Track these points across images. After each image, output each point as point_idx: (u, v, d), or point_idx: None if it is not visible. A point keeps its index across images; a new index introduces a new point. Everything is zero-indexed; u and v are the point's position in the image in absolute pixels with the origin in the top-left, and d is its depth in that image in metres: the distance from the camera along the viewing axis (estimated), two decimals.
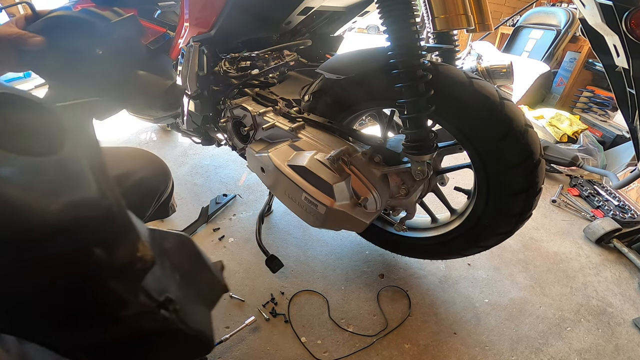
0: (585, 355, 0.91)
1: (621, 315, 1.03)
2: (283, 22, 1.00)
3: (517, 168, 0.70)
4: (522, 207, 0.75)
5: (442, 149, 0.88)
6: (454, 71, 0.71)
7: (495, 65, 1.02)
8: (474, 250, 0.91)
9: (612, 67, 0.72)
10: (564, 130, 1.97)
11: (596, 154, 1.83)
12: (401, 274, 1.12)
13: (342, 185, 0.73)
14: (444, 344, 0.92)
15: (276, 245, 1.23)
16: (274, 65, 1.11)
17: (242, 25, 1.00)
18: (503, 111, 0.68)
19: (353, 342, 0.91)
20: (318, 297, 1.03)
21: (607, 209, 1.47)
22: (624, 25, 0.63)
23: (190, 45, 1.03)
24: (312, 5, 0.94)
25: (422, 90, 0.67)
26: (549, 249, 1.27)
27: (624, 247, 1.23)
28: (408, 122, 0.71)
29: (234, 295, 1.01)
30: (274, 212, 1.39)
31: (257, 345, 0.89)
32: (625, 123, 0.77)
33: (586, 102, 2.42)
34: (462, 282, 1.11)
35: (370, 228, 1.03)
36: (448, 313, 1.00)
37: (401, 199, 0.84)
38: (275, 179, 0.83)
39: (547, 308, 1.04)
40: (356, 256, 1.19)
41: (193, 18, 1.01)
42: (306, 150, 0.80)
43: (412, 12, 0.64)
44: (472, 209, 0.84)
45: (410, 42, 0.65)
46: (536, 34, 2.71)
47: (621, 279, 1.16)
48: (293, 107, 0.97)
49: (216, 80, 1.08)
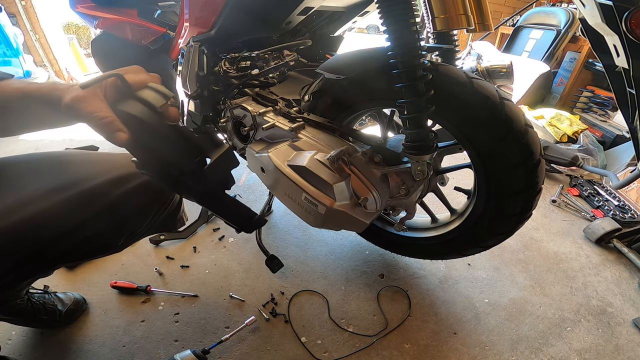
0: (585, 355, 0.91)
1: (621, 315, 1.03)
2: (283, 22, 1.00)
3: (517, 168, 0.70)
4: (522, 207, 0.75)
5: (442, 149, 0.88)
6: (454, 71, 0.71)
7: (495, 65, 1.02)
8: (474, 250, 0.91)
9: (612, 67, 0.72)
10: (564, 130, 1.97)
11: (596, 154, 1.83)
12: (401, 274, 1.12)
13: (342, 185, 0.73)
14: (444, 344, 0.92)
15: (276, 245, 1.23)
16: (274, 65, 1.11)
17: (242, 25, 1.00)
18: (503, 111, 0.68)
19: (353, 342, 0.91)
20: (318, 297, 1.03)
21: (607, 209, 1.47)
22: (624, 25, 0.63)
23: (190, 45, 1.03)
24: (312, 5, 0.94)
25: (422, 90, 0.67)
26: (549, 249, 1.27)
27: (624, 247, 1.23)
28: (408, 122, 0.71)
29: (234, 295, 1.01)
30: (274, 212, 1.39)
31: (257, 345, 0.89)
32: (625, 123, 0.77)
33: (586, 102, 2.42)
34: (462, 282, 1.11)
35: (370, 228, 1.03)
36: (448, 313, 1.00)
37: (401, 199, 0.84)
38: (275, 179, 0.83)
39: (547, 308, 1.04)
40: (356, 256, 1.19)
41: (193, 18, 1.01)
42: (306, 150, 0.80)
43: (412, 12, 0.64)
44: (472, 209, 0.84)
45: (410, 42, 0.65)
46: (536, 34, 2.71)
47: (621, 279, 1.16)
48: (293, 107, 0.97)
49: (216, 80, 1.08)
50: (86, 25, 4.20)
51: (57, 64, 3.51)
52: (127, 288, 1.02)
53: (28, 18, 3.26)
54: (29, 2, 3.20)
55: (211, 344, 0.85)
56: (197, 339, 0.91)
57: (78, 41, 3.98)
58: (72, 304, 0.94)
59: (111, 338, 0.91)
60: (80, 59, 3.82)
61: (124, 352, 0.87)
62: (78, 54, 3.80)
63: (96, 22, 1.54)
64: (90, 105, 0.40)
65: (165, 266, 1.12)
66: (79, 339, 0.90)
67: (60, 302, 0.92)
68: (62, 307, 0.91)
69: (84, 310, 0.97)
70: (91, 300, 1.00)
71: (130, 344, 0.89)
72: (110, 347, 0.88)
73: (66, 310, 0.92)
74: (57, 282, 1.06)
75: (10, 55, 2.91)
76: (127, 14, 1.44)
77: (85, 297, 0.99)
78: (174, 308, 0.99)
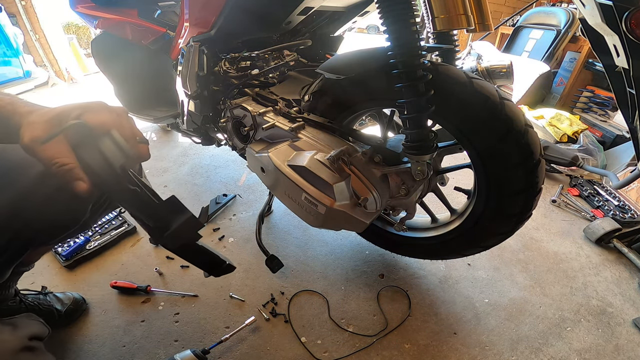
0: (585, 355, 0.91)
1: (621, 315, 1.03)
2: (283, 22, 1.00)
3: (517, 168, 0.70)
4: (522, 207, 0.75)
5: (442, 149, 0.88)
6: (454, 71, 0.71)
7: (495, 65, 1.02)
8: (474, 250, 0.91)
9: (612, 67, 0.72)
10: (564, 130, 1.97)
11: (596, 154, 1.83)
12: (401, 274, 1.12)
13: (342, 185, 0.73)
14: (444, 344, 0.92)
15: (276, 245, 1.23)
16: (274, 65, 1.11)
17: (242, 25, 1.00)
18: (503, 111, 0.68)
19: (353, 342, 0.91)
20: (318, 297, 1.03)
21: (607, 209, 1.47)
22: (624, 25, 0.63)
23: (190, 45, 1.03)
24: (312, 5, 0.94)
25: (422, 90, 0.67)
26: (549, 249, 1.27)
27: (624, 247, 1.23)
28: (408, 122, 0.71)
29: (234, 296, 1.01)
30: (274, 212, 1.39)
31: (257, 345, 0.89)
32: (625, 123, 0.77)
33: (586, 102, 2.42)
34: (462, 282, 1.11)
35: (370, 228, 1.03)
36: (448, 313, 1.00)
37: (401, 199, 0.84)
38: (275, 179, 0.83)
39: (547, 308, 1.04)
40: (356, 256, 1.19)
41: (193, 18, 1.01)
42: (306, 150, 0.80)
43: (412, 12, 0.64)
44: (472, 209, 0.84)
45: (410, 42, 0.65)
46: (536, 34, 2.71)
47: (621, 279, 1.16)
48: (293, 107, 0.97)
49: (216, 80, 1.08)
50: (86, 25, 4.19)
51: (57, 64, 3.52)
52: (127, 288, 1.02)
53: (28, 18, 3.26)
54: (29, 2, 3.20)
55: (211, 344, 0.85)
56: (197, 339, 0.91)
57: (78, 41, 3.98)
58: (72, 304, 0.94)
59: (111, 338, 0.91)
60: (80, 59, 3.82)
61: (124, 352, 0.87)
62: (78, 54, 3.80)
63: (96, 22, 1.54)
64: (50, 150, 0.37)
65: (165, 266, 1.12)
66: (79, 339, 0.90)
67: (59, 302, 0.92)
68: (62, 307, 0.91)
69: (83, 310, 0.97)
70: (91, 300, 1.00)
71: (130, 344, 0.89)
72: (110, 347, 0.88)
73: (66, 310, 0.92)
74: (56, 282, 1.06)
75: (10, 55, 2.91)
76: (127, 14, 1.44)
77: (85, 297, 0.99)
78: (174, 308, 0.99)
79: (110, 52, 1.57)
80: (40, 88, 3.23)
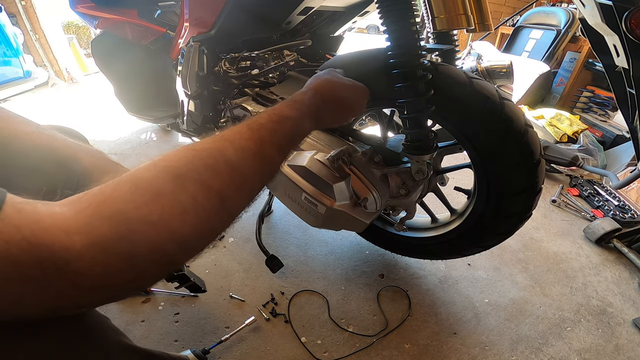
0: (585, 355, 0.91)
1: (621, 315, 1.03)
2: (283, 22, 1.00)
3: (517, 168, 0.70)
4: (522, 207, 0.75)
5: (442, 149, 0.88)
6: (454, 71, 0.71)
7: (495, 65, 1.02)
8: (474, 250, 0.91)
9: (612, 67, 0.72)
10: (564, 130, 1.97)
11: (596, 154, 1.83)
12: (401, 274, 1.12)
13: (342, 185, 0.73)
14: (444, 344, 0.92)
15: (276, 245, 1.23)
16: (274, 65, 1.11)
17: (242, 25, 1.00)
18: (503, 111, 0.68)
19: (353, 342, 0.91)
20: (318, 297, 1.03)
21: (607, 209, 1.47)
22: (624, 25, 0.63)
23: (190, 45, 1.04)
24: (312, 5, 0.94)
25: (422, 90, 0.67)
26: (549, 249, 1.27)
27: (624, 247, 1.23)
28: (408, 122, 0.71)
29: (234, 295, 1.01)
30: (274, 212, 1.39)
31: (257, 345, 0.89)
32: (625, 123, 0.77)
33: (586, 102, 2.42)
34: (462, 282, 1.11)
35: (370, 228, 1.03)
36: (448, 313, 1.00)
37: (401, 199, 0.84)
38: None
39: (547, 308, 1.04)
40: (356, 256, 1.19)
41: (193, 18, 1.01)
42: (306, 150, 0.80)
43: (412, 12, 0.64)
44: (472, 209, 0.84)
45: (410, 42, 0.65)
46: (536, 34, 2.71)
47: (621, 279, 1.16)
48: None
49: (216, 80, 1.08)
50: (86, 25, 4.19)
51: (57, 64, 3.52)
52: None
53: (28, 18, 3.26)
54: (29, 2, 3.20)
55: (211, 344, 0.85)
56: (197, 339, 0.91)
57: (78, 41, 3.98)
58: None
59: None
60: (80, 59, 3.82)
61: None
62: (78, 54, 3.80)
63: (96, 22, 1.54)
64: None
65: None
66: None
67: None
68: None
69: None
70: None
71: None
72: None
73: None
74: None
75: (10, 55, 2.91)
76: (127, 14, 1.44)
77: None
78: (174, 308, 0.99)
79: (110, 52, 1.57)
80: (40, 88, 3.23)
